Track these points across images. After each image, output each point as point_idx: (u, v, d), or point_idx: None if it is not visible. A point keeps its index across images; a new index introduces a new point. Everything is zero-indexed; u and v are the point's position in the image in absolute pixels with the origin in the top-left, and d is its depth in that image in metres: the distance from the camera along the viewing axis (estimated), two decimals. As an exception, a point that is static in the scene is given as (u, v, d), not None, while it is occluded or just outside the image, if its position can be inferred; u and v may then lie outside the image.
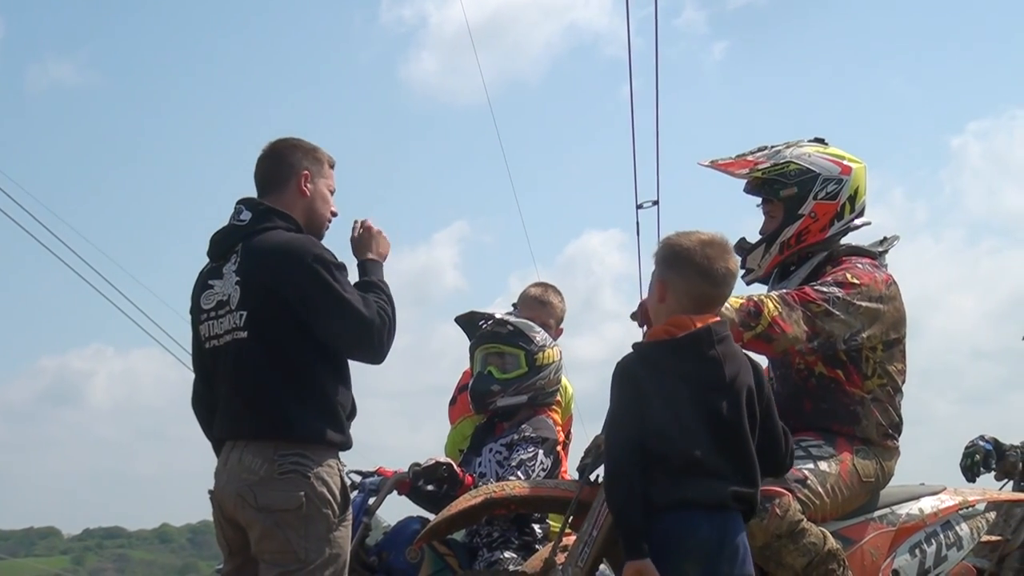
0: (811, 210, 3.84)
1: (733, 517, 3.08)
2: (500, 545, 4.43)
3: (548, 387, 4.72)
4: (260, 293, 3.48)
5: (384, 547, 4.44)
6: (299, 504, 3.39)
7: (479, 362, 4.75)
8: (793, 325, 3.58)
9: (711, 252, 3.18)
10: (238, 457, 3.47)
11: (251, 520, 3.44)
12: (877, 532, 3.72)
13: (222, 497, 3.53)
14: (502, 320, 4.79)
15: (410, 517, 4.57)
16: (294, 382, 3.46)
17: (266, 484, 3.40)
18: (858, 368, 3.75)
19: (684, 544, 3.00)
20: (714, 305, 3.23)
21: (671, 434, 3.04)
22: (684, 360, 3.11)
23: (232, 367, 3.53)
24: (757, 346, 3.59)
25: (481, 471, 4.55)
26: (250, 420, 3.49)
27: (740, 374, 3.14)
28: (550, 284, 5.49)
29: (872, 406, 3.75)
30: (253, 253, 3.52)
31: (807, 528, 3.43)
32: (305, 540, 3.39)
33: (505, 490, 3.59)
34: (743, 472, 3.08)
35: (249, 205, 3.64)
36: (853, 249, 3.90)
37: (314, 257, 3.47)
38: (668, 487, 3.03)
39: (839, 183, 3.86)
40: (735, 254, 3.28)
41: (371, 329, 3.47)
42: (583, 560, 3.38)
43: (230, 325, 3.52)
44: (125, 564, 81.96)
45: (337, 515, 3.46)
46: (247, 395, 3.50)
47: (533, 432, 4.56)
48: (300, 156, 3.68)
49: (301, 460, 3.42)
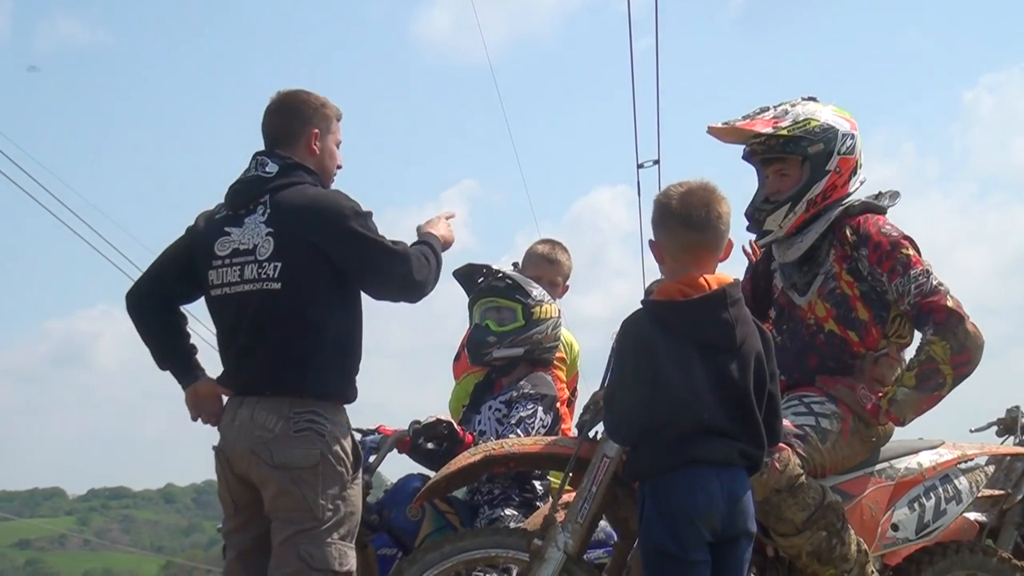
0: (836, 165, 3.80)
1: (740, 473, 3.09)
2: (501, 502, 4.45)
3: (545, 342, 4.71)
4: (297, 246, 3.47)
5: (385, 505, 4.46)
6: (316, 462, 3.40)
7: (477, 315, 4.76)
8: (970, 344, 3.62)
9: (690, 199, 3.14)
10: (249, 415, 3.47)
11: (266, 477, 3.44)
12: (876, 487, 3.72)
13: (232, 454, 3.52)
14: (500, 274, 4.79)
15: (410, 475, 4.59)
16: (318, 337, 3.47)
17: (282, 441, 3.41)
18: (883, 325, 3.74)
19: (694, 499, 3.01)
20: (707, 252, 3.17)
21: (683, 396, 3.03)
22: (696, 321, 3.09)
23: (255, 318, 3.50)
24: (963, 375, 3.66)
25: (481, 429, 4.56)
26: (270, 374, 3.48)
27: (749, 338, 3.13)
28: (557, 241, 5.47)
29: (880, 362, 3.74)
30: (286, 206, 3.51)
31: (807, 483, 3.43)
32: (321, 498, 3.41)
33: (504, 447, 3.60)
34: (749, 434, 3.08)
35: (275, 158, 3.62)
36: (867, 206, 3.86)
37: (348, 210, 3.51)
38: (676, 447, 3.03)
39: (853, 138, 3.84)
40: (723, 198, 3.20)
41: (408, 264, 3.54)
42: (583, 516, 3.39)
43: (254, 275, 3.49)
44: (130, 524, 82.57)
45: (350, 472, 3.49)
46: (271, 347, 3.48)
47: (532, 389, 4.57)
48: (310, 113, 3.66)
49: (315, 418, 3.44)
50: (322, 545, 3.40)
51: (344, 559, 3.46)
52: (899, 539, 3.75)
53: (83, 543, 73.44)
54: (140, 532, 79.44)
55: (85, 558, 70.77)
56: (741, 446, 3.06)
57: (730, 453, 3.05)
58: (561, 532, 3.37)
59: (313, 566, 3.39)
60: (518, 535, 3.54)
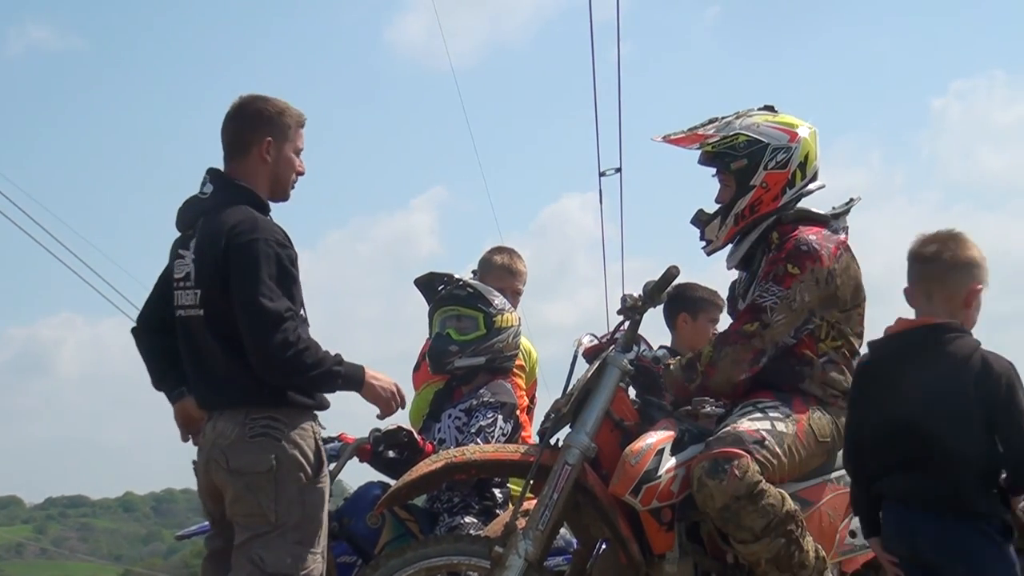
0: (762, 180, 3.85)
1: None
2: (461, 510, 4.45)
3: (506, 351, 4.72)
4: (210, 272, 3.47)
5: (345, 513, 4.45)
6: (269, 467, 3.38)
7: (438, 324, 4.74)
8: (722, 365, 3.68)
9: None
10: (213, 425, 3.49)
11: (224, 483, 3.45)
12: (834, 493, 3.75)
13: (200, 465, 3.55)
14: (461, 282, 4.79)
15: (371, 483, 4.58)
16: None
17: (237, 447, 3.41)
18: (812, 333, 3.77)
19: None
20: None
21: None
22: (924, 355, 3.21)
23: (194, 342, 3.53)
24: (705, 393, 3.74)
25: (440, 437, 4.56)
26: (219, 393, 3.50)
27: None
28: (511, 249, 5.47)
29: (824, 367, 3.77)
30: (206, 232, 3.51)
31: (766, 489, 3.46)
32: (276, 503, 3.39)
33: (465, 455, 3.60)
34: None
35: (213, 177, 3.61)
36: (801, 215, 3.89)
37: (254, 241, 3.42)
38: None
39: (788, 151, 3.86)
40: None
41: (272, 333, 3.35)
42: (544, 524, 3.40)
43: (189, 300, 3.53)
44: (88, 533, 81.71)
45: (310, 477, 3.45)
46: (210, 371, 3.50)
47: (492, 397, 4.57)
48: (264, 121, 3.63)
49: (272, 423, 3.42)
50: (275, 549, 3.37)
51: (301, 564, 3.41)
52: (857, 545, 3.77)
53: (40, 552, 72.60)
54: (98, 541, 78.59)
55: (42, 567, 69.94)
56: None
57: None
58: (522, 539, 3.38)
59: (265, 570, 3.36)
60: (480, 542, 3.54)
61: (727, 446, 3.47)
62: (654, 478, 3.49)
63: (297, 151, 3.71)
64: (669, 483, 3.50)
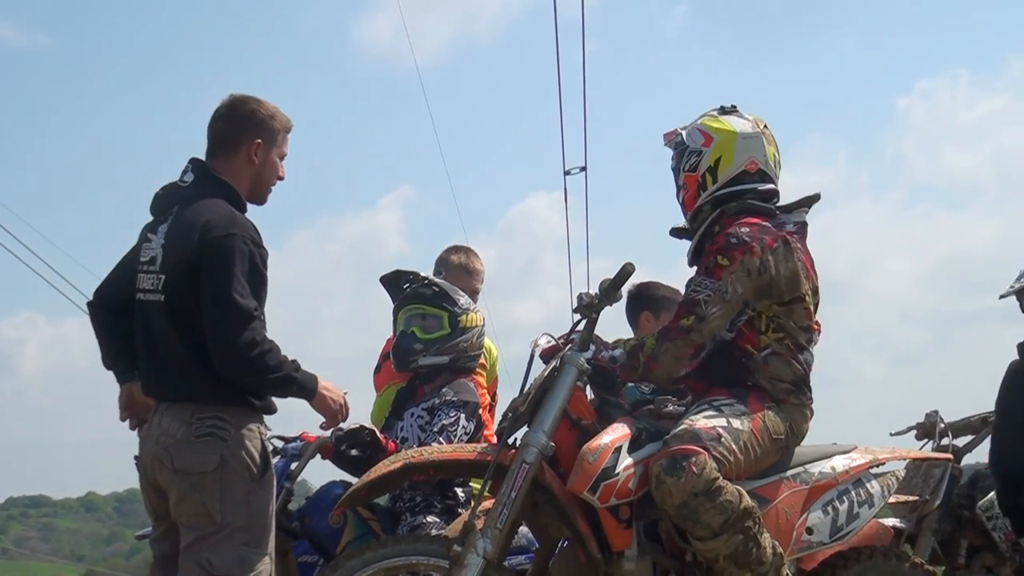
0: (682, 181, 3.99)
1: None
2: (423, 509, 4.46)
3: (470, 351, 4.73)
4: (177, 260, 3.46)
5: (307, 512, 4.45)
6: (214, 466, 3.38)
7: (402, 322, 4.75)
8: (663, 360, 3.70)
9: None
10: (159, 420, 3.47)
11: (168, 483, 3.43)
12: (791, 491, 3.77)
13: (144, 461, 3.52)
14: (427, 281, 4.79)
15: (332, 482, 4.58)
16: (206, 350, 3.42)
17: (182, 446, 3.40)
18: (751, 325, 3.79)
19: None
20: None
21: None
22: None
23: (150, 327, 3.52)
24: (649, 381, 3.85)
25: (403, 435, 4.57)
26: (167, 383, 3.49)
27: None
28: (468, 247, 5.48)
29: (770, 360, 3.79)
30: (181, 220, 3.51)
31: (723, 486, 3.48)
32: (221, 503, 3.38)
33: (424, 455, 3.60)
34: None
35: (195, 167, 3.62)
36: (744, 208, 3.90)
37: (230, 236, 3.42)
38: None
39: (699, 155, 3.94)
40: None
41: (240, 330, 3.35)
42: (502, 522, 3.41)
43: (150, 285, 3.52)
44: (50, 533, 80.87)
45: (255, 478, 3.44)
46: (162, 358, 3.49)
47: (454, 396, 4.58)
48: (256, 123, 3.65)
49: (219, 423, 3.41)
50: (223, 551, 3.37)
51: (249, 565, 3.40)
52: (814, 542, 3.80)
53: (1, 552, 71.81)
54: (60, 541, 77.81)
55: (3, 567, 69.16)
56: None
57: None
58: (480, 538, 3.39)
59: (213, 573, 3.35)
60: (439, 542, 3.55)
61: (685, 443, 3.49)
62: (612, 475, 3.50)
63: (282, 156, 3.74)
64: (627, 480, 3.52)
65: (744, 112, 4.03)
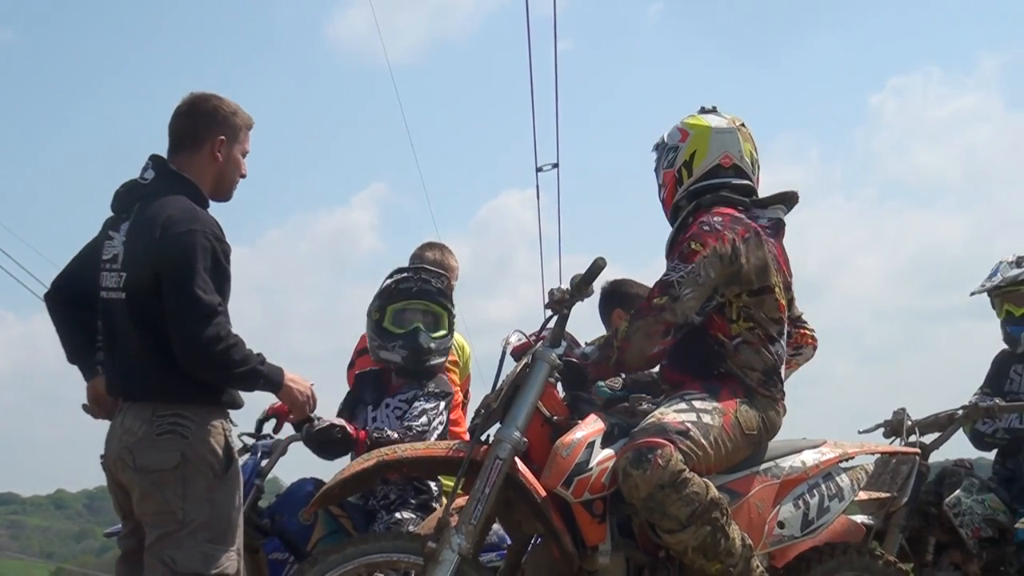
0: (662, 179, 4.07)
1: None
2: (398, 506, 4.46)
3: (448, 351, 4.77)
4: (139, 257, 3.45)
5: (277, 510, 4.44)
6: (175, 464, 3.36)
7: (399, 316, 4.67)
8: (635, 338, 3.70)
9: None
10: (122, 420, 3.46)
11: (131, 481, 3.43)
12: (762, 485, 3.79)
13: (109, 460, 3.52)
14: (433, 276, 4.74)
15: (303, 479, 4.57)
16: (169, 347, 3.40)
17: (143, 445, 3.39)
18: (721, 313, 3.82)
19: None
20: None
21: None
22: None
23: (113, 326, 3.51)
24: (622, 369, 3.83)
25: (377, 425, 4.54)
26: (130, 381, 3.48)
27: None
28: (442, 244, 5.47)
29: (740, 349, 3.81)
30: (142, 218, 3.49)
31: (689, 478, 3.49)
32: (183, 500, 3.37)
33: (397, 453, 3.59)
34: None
35: (156, 164, 3.60)
36: (718, 200, 3.94)
37: (192, 232, 3.40)
38: None
39: (676, 150, 4.01)
40: None
41: (203, 328, 3.34)
42: (476, 518, 3.41)
43: (113, 283, 3.51)
44: (19, 531, 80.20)
45: (219, 474, 3.43)
46: (132, 354, 3.47)
47: (436, 388, 4.59)
48: (219, 120, 3.64)
49: (180, 420, 3.40)
50: (186, 549, 3.35)
51: (212, 561, 3.38)
52: (785, 536, 3.82)
53: (-31, 551, 71.25)
54: (29, 538, 77.19)
55: (-29, 566, 68.67)
56: None
57: None
58: (455, 534, 3.39)
59: (176, 570, 3.34)
60: (416, 539, 3.53)
61: (650, 436, 3.51)
62: (585, 470, 3.51)
63: (244, 153, 3.73)
64: (600, 475, 3.53)
65: (723, 112, 4.09)
